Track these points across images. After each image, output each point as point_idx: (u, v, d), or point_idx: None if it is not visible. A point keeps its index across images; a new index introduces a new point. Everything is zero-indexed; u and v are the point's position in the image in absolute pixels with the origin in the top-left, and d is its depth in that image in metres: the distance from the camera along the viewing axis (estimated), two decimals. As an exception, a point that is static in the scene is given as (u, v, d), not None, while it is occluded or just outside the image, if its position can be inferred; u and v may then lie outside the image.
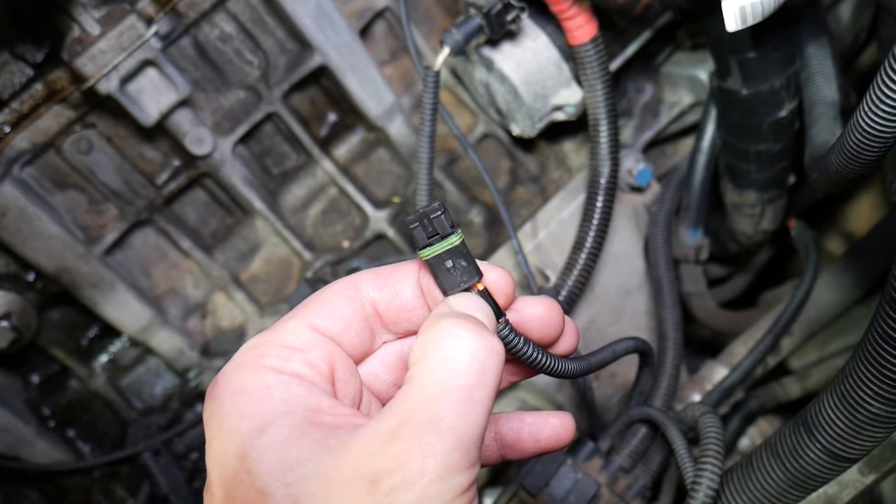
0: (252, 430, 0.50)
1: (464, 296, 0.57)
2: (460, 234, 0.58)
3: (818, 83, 1.05)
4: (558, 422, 0.65)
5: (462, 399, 0.49)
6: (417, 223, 0.58)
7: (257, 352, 0.55)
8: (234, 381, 0.53)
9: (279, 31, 1.27)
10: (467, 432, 0.48)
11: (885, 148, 0.72)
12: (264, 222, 1.35)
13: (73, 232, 1.25)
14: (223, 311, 1.38)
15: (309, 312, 0.57)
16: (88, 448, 1.38)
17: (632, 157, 1.30)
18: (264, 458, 0.48)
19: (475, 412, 0.49)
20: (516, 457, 0.66)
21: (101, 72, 1.11)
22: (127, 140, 1.26)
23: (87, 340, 1.37)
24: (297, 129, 1.31)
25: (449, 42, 1.10)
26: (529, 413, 0.66)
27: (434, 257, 0.57)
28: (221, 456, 0.51)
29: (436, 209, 0.57)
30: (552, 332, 0.62)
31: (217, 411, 0.52)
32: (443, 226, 0.57)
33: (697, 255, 1.34)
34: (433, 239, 0.57)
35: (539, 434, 0.65)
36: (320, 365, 0.55)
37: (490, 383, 0.50)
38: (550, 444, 0.65)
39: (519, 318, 0.61)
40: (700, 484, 0.89)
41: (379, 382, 0.62)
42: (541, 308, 0.62)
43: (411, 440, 0.47)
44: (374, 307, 0.59)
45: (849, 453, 0.80)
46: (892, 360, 0.71)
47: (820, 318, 1.36)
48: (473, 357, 0.50)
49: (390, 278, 0.60)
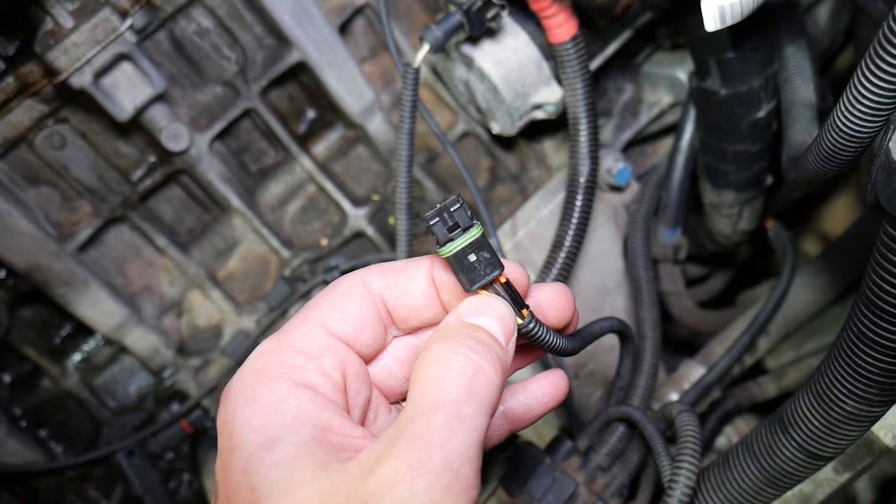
0: (259, 446, 0.50)
1: (476, 299, 0.56)
2: (479, 226, 0.56)
3: (796, 84, 1.05)
4: (556, 378, 0.68)
5: (449, 415, 0.48)
6: (437, 218, 0.55)
7: (272, 358, 0.54)
8: (247, 389, 0.53)
9: (257, 26, 1.26)
10: (458, 449, 0.47)
11: (861, 148, 0.73)
12: (241, 220, 1.33)
13: (45, 229, 1.23)
14: (199, 310, 1.36)
15: (322, 314, 0.57)
16: (61, 448, 1.36)
17: (611, 157, 1.31)
18: (268, 477, 0.48)
19: (464, 428, 0.48)
20: (525, 425, 0.68)
21: (75, 65, 1.09)
22: (101, 135, 1.24)
23: (60, 339, 1.35)
24: (276, 126, 1.29)
25: (429, 39, 1.09)
26: (529, 381, 0.68)
27: (457, 252, 0.55)
28: (228, 468, 0.51)
29: (455, 201, 0.55)
30: (567, 316, 0.64)
31: (229, 420, 0.52)
32: (464, 218, 0.55)
33: (676, 255, 1.35)
34: (455, 233, 0.55)
35: (544, 396, 0.67)
36: (333, 374, 0.55)
37: (480, 400, 0.50)
38: (557, 400, 0.68)
39: (536, 304, 0.62)
40: (677, 482, 0.89)
41: (392, 378, 0.62)
42: (556, 294, 0.64)
43: (401, 460, 0.46)
44: (384, 304, 0.59)
45: (824, 451, 0.80)
46: (866, 360, 0.71)
47: (796, 318, 1.37)
48: (461, 374, 0.50)
49: (400, 276, 0.59)
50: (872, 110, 0.67)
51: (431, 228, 0.55)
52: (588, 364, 1.33)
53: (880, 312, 0.67)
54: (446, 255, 0.56)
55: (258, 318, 1.35)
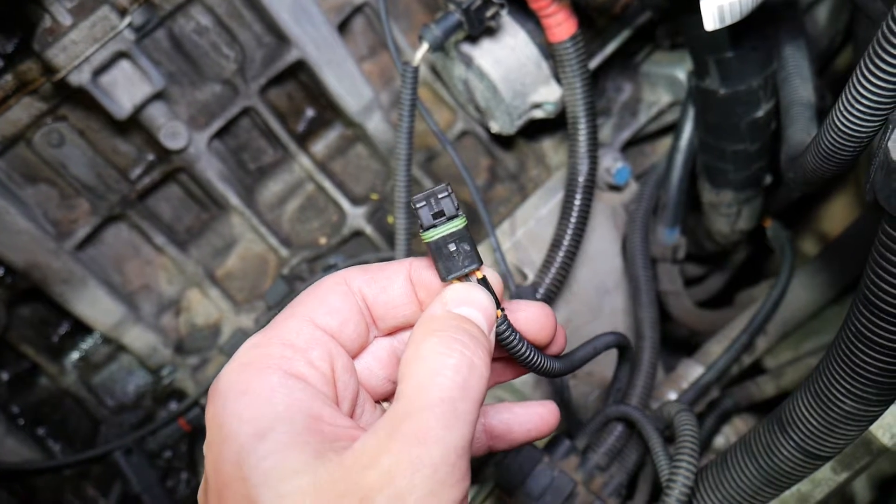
0: (251, 436, 0.49)
1: (462, 286, 0.57)
2: (464, 218, 0.57)
3: (795, 84, 1.05)
4: (545, 410, 0.67)
5: (447, 412, 0.49)
6: (424, 202, 0.57)
7: (261, 351, 0.55)
8: (237, 383, 0.53)
9: (256, 24, 1.26)
10: (454, 444, 0.48)
11: (860, 148, 0.73)
12: (240, 218, 1.33)
13: (43, 227, 1.22)
14: (197, 308, 1.36)
15: (308, 309, 0.58)
16: (59, 447, 1.36)
17: (610, 156, 1.31)
18: (261, 466, 0.48)
19: (460, 424, 0.49)
20: (504, 446, 0.67)
21: (73, 63, 1.09)
22: (99, 133, 1.24)
23: (58, 337, 1.35)
24: (274, 125, 1.29)
25: (428, 38, 1.09)
26: (516, 404, 0.68)
27: (438, 239, 0.57)
28: (219, 460, 0.51)
29: (443, 189, 0.57)
30: (546, 335, 0.64)
31: (218, 413, 0.52)
32: (449, 207, 0.57)
33: (675, 254, 1.35)
34: (438, 220, 0.57)
35: (528, 423, 0.67)
36: (322, 365, 0.55)
37: (473, 396, 0.51)
38: (540, 432, 0.67)
39: (514, 319, 0.62)
40: (675, 481, 0.89)
41: (373, 378, 0.62)
42: (537, 311, 0.63)
43: (400, 454, 0.47)
44: (364, 301, 0.60)
45: (822, 451, 0.80)
46: (864, 359, 0.71)
47: (794, 318, 1.37)
48: (456, 371, 0.51)
49: (379, 274, 0.60)
50: (871, 110, 0.67)
51: (417, 211, 0.57)
52: (586, 364, 1.32)
53: (879, 312, 0.67)
54: (427, 241, 0.57)
55: (256, 316, 1.35)
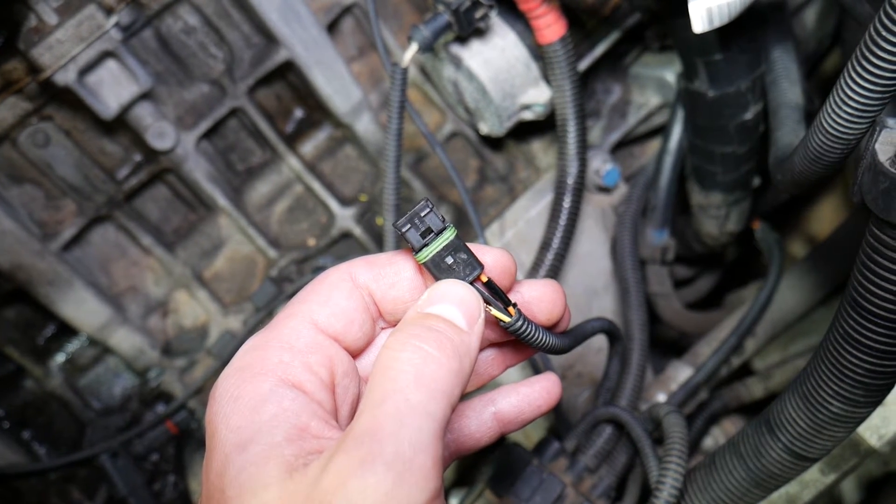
0: (235, 445, 0.49)
1: (434, 287, 0.55)
2: (453, 228, 0.57)
3: (783, 86, 1.06)
4: (549, 383, 0.67)
5: (399, 404, 0.46)
6: (409, 225, 0.56)
7: (258, 355, 0.53)
8: (232, 387, 0.52)
9: (244, 24, 1.25)
10: (409, 439, 0.45)
11: (848, 150, 0.73)
12: (228, 219, 1.32)
13: (28, 227, 1.21)
14: (185, 310, 1.35)
15: (310, 309, 0.56)
16: (44, 450, 1.34)
17: (599, 158, 1.31)
18: (238, 479, 0.47)
19: (414, 416, 0.46)
20: (516, 428, 0.67)
21: (59, 62, 1.08)
22: (86, 133, 1.23)
23: (44, 339, 1.33)
24: (263, 125, 1.29)
25: (417, 38, 1.09)
26: (520, 384, 0.67)
27: (433, 256, 0.56)
28: (208, 468, 0.50)
29: (424, 206, 0.56)
30: (557, 313, 0.64)
31: (212, 419, 0.52)
32: (435, 222, 0.56)
33: (664, 256, 1.35)
34: (428, 238, 0.56)
35: (537, 400, 0.67)
36: (321, 371, 0.54)
37: (431, 386, 0.48)
38: (549, 405, 0.67)
39: (525, 300, 0.61)
40: (664, 483, 0.89)
41: None
42: (546, 290, 0.63)
43: (350, 454, 0.44)
44: (371, 297, 0.58)
45: (810, 453, 0.80)
46: (852, 361, 0.71)
47: (783, 320, 1.37)
48: (407, 363, 0.48)
49: (388, 269, 0.59)
50: (859, 112, 0.68)
51: (405, 236, 0.56)
52: (575, 365, 1.33)
53: (866, 314, 0.68)
54: (423, 261, 0.56)
55: (244, 318, 1.34)
